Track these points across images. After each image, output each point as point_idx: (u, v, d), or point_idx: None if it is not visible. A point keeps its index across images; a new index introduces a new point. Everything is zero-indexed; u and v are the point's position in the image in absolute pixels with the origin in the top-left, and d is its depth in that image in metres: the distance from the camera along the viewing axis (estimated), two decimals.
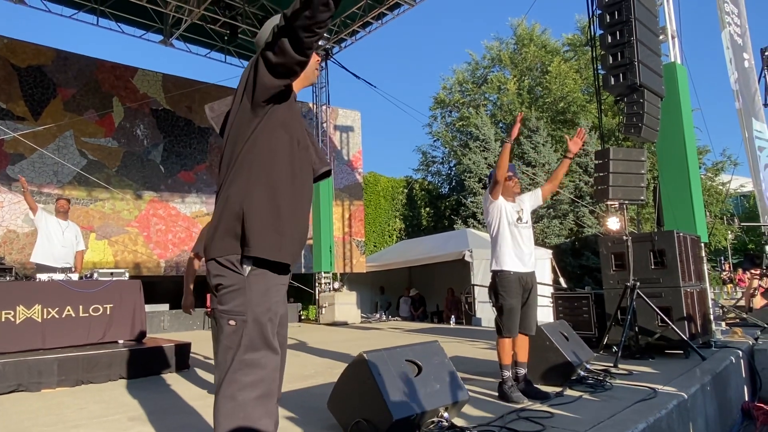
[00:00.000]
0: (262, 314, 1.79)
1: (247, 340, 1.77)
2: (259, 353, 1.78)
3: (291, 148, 1.90)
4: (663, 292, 5.26)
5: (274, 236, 1.81)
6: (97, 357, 4.75)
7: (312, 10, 1.57)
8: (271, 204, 1.83)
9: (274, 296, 1.85)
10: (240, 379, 1.75)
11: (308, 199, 1.99)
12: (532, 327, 3.79)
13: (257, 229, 1.79)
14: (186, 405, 3.77)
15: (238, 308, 1.78)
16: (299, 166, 1.93)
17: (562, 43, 22.44)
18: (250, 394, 1.74)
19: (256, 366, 1.77)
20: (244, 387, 1.74)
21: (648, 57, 5.66)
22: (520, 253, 3.76)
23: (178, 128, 11.54)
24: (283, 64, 1.72)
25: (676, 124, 6.51)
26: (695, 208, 6.39)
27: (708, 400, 4.03)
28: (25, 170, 9.40)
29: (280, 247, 1.82)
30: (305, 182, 1.96)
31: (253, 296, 1.79)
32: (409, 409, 2.66)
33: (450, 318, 11.59)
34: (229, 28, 11.00)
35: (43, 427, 3.24)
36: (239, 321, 1.77)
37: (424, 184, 21.05)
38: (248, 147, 1.85)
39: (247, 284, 1.80)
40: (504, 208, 3.84)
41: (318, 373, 4.98)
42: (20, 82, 9.60)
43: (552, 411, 3.21)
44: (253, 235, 1.78)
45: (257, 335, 1.78)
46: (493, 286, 3.79)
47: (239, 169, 1.84)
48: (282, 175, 1.86)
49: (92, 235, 10.02)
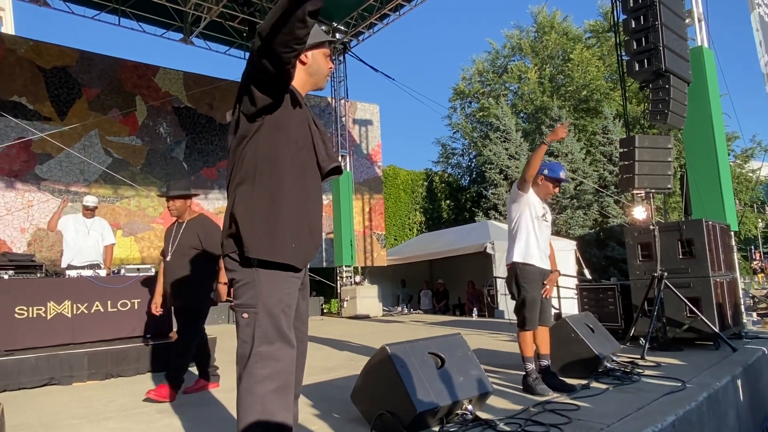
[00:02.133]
0: (273, 306, 1.83)
1: (261, 333, 1.81)
2: (274, 346, 1.81)
3: (289, 150, 1.93)
4: (691, 283, 5.14)
5: (266, 238, 1.85)
6: (126, 351, 4.86)
7: (289, 27, 1.58)
8: (270, 207, 1.87)
9: (285, 289, 1.88)
10: (256, 372, 1.78)
11: (316, 198, 2.02)
12: (550, 318, 3.80)
13: (251, 232, 1.85)
14: (211, 397, 3.83)
15: (249, 301, 1.84)
16: (301, 167, 1.96)
17: (584, 29, 21.98)
18: (266, 387, 1.78)
19: (271, 359, 1.80)
20: (261, 380, 1.78)
21: (673, 41, 5.51)
22: (540, 249, 3.73)
23: (199, 125, 11.68)
24: (266, 80, 1.76)
25: (703, 110, 6.34)
26: (724, 196, 6.23)
27: (739, 392, 3.93)
28: (52, 169, 9.64)
29: (274, 248, 1.85)
30: (309, 183, 1.98)
31: (263, 289, 1.84)
32: (432, 402, 2.65)
33: (472, 311, 11.54)
34: (248, 25, 11.06)
35: (74, 420, 3.33)
36: (251, 313, 1.82)
37: (444, 177, 20.92)
38: (249, 151, 1.90)
39: (257, 278, 1.85)
40: (532, 201, 3.78)
41: (341, 365, 5.00)
42: (46, 83, 9.82)
43: (578, 404, 3.17)
44: (247, 238, 1.84)
45: (270, 327, 1.82)
46: (514, 279, 3.73)
47: (241, 172, 1.91)
48: (282, 177, 1.90)
49: (119, 232, 10.22)
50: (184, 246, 4.00)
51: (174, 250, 4.01)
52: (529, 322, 3.63)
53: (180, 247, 4.01)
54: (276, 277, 1.86)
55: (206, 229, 4.05)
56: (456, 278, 14.15)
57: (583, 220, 16.95)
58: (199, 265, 3.98)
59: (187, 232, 4.03)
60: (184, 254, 3.98)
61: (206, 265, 4.01)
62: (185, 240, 4.01)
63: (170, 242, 4.07)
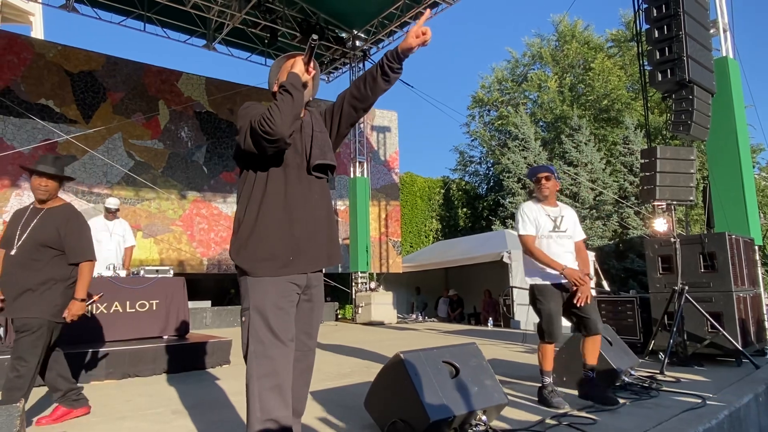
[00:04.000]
0: (265, 307, 1.96)
1: (254, 332, 1.94)
2: (265, 344, 1.93)
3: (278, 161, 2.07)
4: (713, 297, 5.03)
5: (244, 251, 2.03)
6: (143, 351, 4.91)
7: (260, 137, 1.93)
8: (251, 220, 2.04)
9: (275, 291, 2.00)
10: (253, 372, 1.91)
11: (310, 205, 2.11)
12: (594, 328, 3.51)
13: (240, 244, 2.05)
14: (226, 400, 3.85)
15: (244, 304, 2.01)
16: (296, 176, 2.09)
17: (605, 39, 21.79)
18: (263, 385, 1.89)
19: (264, 356, 1.92)
20: (258, 378, 1.90)
21: (698, 52, 5.43)
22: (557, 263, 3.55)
23: (220, 130, 11.84)
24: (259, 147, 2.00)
25: (727, 121, 6.23)
26: (748, 209, 6.10)
27: (762, 411, 3.82)
28: (76, 171, 9.84)
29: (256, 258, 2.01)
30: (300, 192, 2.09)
31: (252, 293, 1.99)
32: (446, 411, 2.63)
33: (488, 320, 11.44)
34: (270, 32, 11.21)
35: (91, 418, 3.37)
36: (246, 315, 1.98)
37: (461, 184, 20.84)
38: (245, 165, 2.12)
39: (250, 284, 2.00)
40: (538, 220, 3.66)
41: (354, 372, 5.00)
42: (73, 87, 10.06)
43: (595, 417, 3.11)
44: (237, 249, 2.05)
45: (262, 326, 1.94)
46: (531, 296, 3.70)
47: (240, 186, 2.14)
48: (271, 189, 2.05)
49: (139, 233, 10.38)
50: (37, 239, 3.10)
51: (22, 243, 3.09)
52: (547, 335, 3.56)
53: (30, 240, 3.09)
54: (268, 282, 2.00)
55: (70, 224, 3.20)
56: (472, 287, 14.05)
57: (602, 231, 16.73)
58: (50, 269, 3.10)
59: (45, 221, 3.15)
60: (33, 249, 3.08)
61: (57, 271, 3.13)
62: (40, 232, 3.11)
63: (18, 230, 3.12)
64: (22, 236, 3.10)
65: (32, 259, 3.08)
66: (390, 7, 11.32)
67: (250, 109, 2.06)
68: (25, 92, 9.51)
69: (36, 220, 3.15)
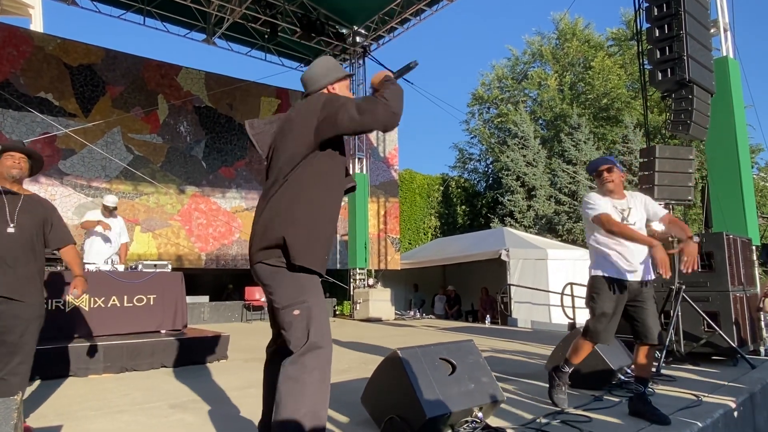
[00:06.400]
0: (320, 304, 2.09)
1: (316, 327, 2.03)
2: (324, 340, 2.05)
3: (339, 170, 2.24)
4: (710, 296, 5.05)
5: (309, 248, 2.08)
6: (141, 345, 4.92)
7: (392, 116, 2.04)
8: (310, 218, 2.09)
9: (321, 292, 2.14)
10: (308, 363, 1.99)
11: (338, 209, 2.30)
12: (650, 335, 3.25)
13: (299, 243, 2.05)
14: (224, 395, 3.86)
15: (301, 298, 2.05)
16: (340, 183, 2.25)
17: (606, 37, 21.79)
18: (314, 377, 1.98)
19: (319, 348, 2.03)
20: (311, 370, 1.98)
21: (698, 51, 5.43)
22: (624, 256, 3.28)
23: (219, 125, 11.82)
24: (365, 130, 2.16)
25: (727, 121, 6.23)
26: (746, 209, 6.11)
27: (757, 410, 3.84)
28: (75, 165, 9.83)
29: (315, 256, 2.09)
30: (339, 196, 2.27)
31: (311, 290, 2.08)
32: (442, 408, 2.64)
33: (485, 317, 11.47)
34: (270, 27, 11.17)
35: (90, 411, 3.38)
36: (303, 309, 2.04)
37: (460, 182, 20.85)
38: (301, 168, 2.12)
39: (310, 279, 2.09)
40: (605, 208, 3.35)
41: (352, 368, 5.01)
42: (72, 80, 10.03)
43: (590, 416, 3.13)
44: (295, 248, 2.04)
45: (323, 323, 2.06)
46: (588, 289, 3.46)
47: (289, 186, 2.11)
48: (323, 192, 2.15)
49: (137, 228, 10.38)
50: (30, 227, 2.91)
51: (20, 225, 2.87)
52: (592, 334, 3.30)
53: (23, 229, 2.87)
54: (317, 281, 2.12)
55: (56, 214, 3.12)
56: (469, 284, 14.08)
57: None
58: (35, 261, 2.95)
59: (30, 209, 2.95)
60: (27, 239, 2.88)
61: (38, 264, 2.98)
62: (29, 219, 2.92)
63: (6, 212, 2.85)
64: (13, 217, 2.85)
65: (35, 243, 2.94)
66: (391, 3, 11.29)
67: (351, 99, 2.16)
68: (24, 85, 9.48)
69: (21, 204, 2.91)
